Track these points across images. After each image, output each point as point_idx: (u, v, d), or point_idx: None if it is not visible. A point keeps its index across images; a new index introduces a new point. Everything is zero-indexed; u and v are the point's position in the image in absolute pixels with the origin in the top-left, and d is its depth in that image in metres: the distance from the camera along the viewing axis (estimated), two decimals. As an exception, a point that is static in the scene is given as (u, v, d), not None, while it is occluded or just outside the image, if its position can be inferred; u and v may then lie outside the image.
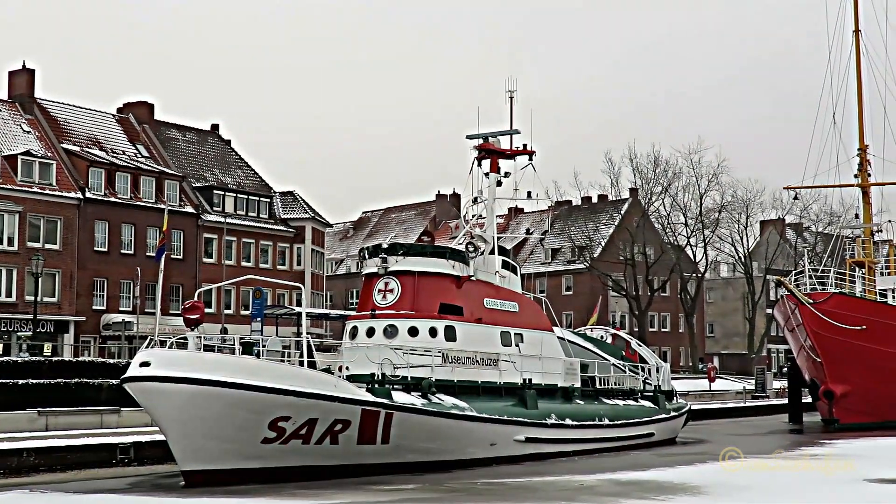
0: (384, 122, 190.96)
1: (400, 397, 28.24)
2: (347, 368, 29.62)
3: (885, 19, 60.25)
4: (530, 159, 38.37)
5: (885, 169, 59.31)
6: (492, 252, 36.13)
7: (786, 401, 59.92)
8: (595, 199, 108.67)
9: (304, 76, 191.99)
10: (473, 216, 37.58)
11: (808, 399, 54.01)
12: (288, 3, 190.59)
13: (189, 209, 72.83)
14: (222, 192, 76.96)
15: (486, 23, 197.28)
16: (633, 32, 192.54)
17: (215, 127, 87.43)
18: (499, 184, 37.53)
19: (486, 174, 37.49)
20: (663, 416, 39.99)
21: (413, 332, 31.09)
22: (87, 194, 65.93)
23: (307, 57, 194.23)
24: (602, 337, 43.23)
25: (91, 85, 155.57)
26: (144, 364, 24.67)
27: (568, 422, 33.86)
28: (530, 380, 33.53)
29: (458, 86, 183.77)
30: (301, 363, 26.92)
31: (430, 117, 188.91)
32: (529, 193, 39.09)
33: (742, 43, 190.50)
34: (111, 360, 46.16)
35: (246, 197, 78.78)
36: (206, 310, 30.94)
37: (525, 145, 38.45)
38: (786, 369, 70.63)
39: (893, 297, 55.17)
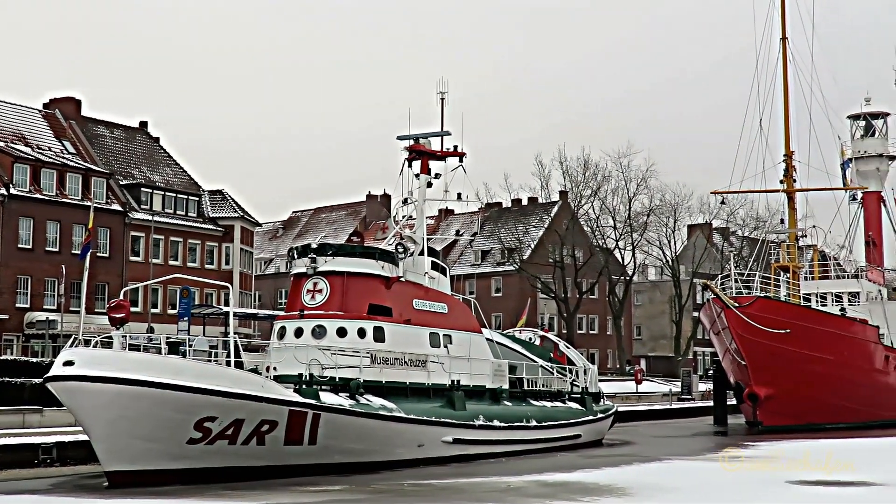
0: (315, 121, 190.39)
1: (328, 398, 28.14)
2: (275, 369, 29.45)
3: (812, 28, 61.25)
4: (461, 161, 38.40)
5: (809, 175, 60.22)
6: (421, 253, 36.12)
7: (711, 403, 60.57)
8: (525, 202, 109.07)
9: (233, 76, 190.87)
10: (403, 217, 37.56)
11: (733, 401, 54.59)
12: (219, 1, 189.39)
13: (116, 207, 72.01)
14: (150, 190, 76.19)
15: (414, 24, 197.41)
16: (564, 38, 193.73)
17: (143, 124, 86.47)
18: (429, 185, 37.51)
19: (417, 175, 37.44)
20: (590, 417, 40.21)
21: (341, 332, 31.00)
22: (12, 190, 64.86)
23: (236, 57, 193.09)
24: (530, 339, 43.35)
25: (17, 79, 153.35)
26: (68, 363, 24.37)
27: (496, 423, 33.94)
28: (458, 381, 33.57)
29: (391, 86, 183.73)
30: (228, 363, 26.74)
31: (361, 117, 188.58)
32: (460, 195, 39.17)
33: (671, 49, 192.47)
34: (34, 359, 45.56)
35: (174, 195, 78.08)
36: (133, 309, 30.54)
37: (456, 147, 38.48)
38: (711, 372, 71.36)
39: (817, 302, 56.03)
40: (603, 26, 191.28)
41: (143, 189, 75.65)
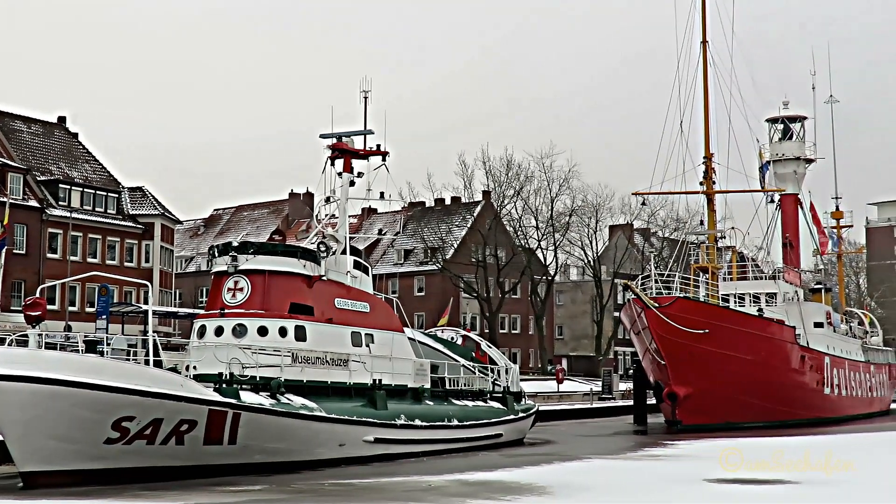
0: (237, 118, 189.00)
1: (248, 397, 27.91)
2: (195, 368, 29.12)
3: (732, 32, 62.04)
4: (384, 160, 38.29)
5: (729, 177, 61.01)
6: (344, 252, 35.95)
7: (631, 402, 61.09)
8: (448, 201, 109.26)
9: (155, 72, 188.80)
10: (326, 216, 37.40)
11: (653, 401, 55.12)
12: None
13: (33, 203, 70.92)
14: (68, 187, 75.14)
15: (340, 23, 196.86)
16: (487, 38, 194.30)
17: (62, 119, 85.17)
18: (352, 184, 37.37)
19: (340, 174, 37.29)
20: (511, 417, 40.31)
21: (262, 331, 30.73)
22: (-75, 186, 63.67)
23: (158, 54, 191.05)
24: (453, 338, 43.40)
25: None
26: (-18, 362, 23.90)
27: (417, 422, 33.91)
28: (380, 380, 33.48)
29: (314, 84, 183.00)
30: (147, 362, 26.44)
31: (283, 115, 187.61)
32: (382, 194, 39.21)
33: (595, 52, 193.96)
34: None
35: (93, 192, 77.07)
36: (50, 307, 30.19)
37: (379, 146, 38.38)
38: (632, 371, 71.98)
39: (736, 302, 56.77)
40: (527, 26, 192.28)
41: (61, 185, 74.60)
